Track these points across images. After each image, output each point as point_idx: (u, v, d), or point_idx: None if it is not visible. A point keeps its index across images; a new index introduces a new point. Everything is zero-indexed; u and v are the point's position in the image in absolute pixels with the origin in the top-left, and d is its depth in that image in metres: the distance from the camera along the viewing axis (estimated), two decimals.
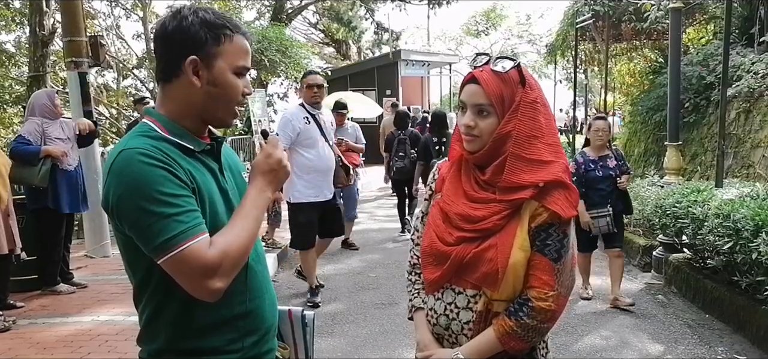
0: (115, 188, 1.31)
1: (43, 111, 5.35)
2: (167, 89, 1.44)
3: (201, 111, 1.44)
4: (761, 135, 6.78)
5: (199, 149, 1.45)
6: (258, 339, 1.53)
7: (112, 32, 19.11)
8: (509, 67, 1.53)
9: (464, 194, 1.60)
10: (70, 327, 4.69)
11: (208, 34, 1.39)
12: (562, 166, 1.54)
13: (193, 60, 1.38)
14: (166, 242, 1.27)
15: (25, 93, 12.05)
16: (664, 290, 5.57)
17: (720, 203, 4.76)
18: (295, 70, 14.77)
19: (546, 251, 1.52)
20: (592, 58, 14.73)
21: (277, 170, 1.47)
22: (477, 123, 1.55)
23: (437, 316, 1.64)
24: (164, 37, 1.41)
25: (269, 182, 1.46)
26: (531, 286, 1.53)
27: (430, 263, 1.64)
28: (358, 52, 26.95)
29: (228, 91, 1.43)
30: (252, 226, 1.40)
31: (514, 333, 1.52)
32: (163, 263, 1.29)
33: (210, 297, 1.32)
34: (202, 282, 1.30)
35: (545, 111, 1.55)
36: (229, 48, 1.41)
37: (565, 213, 1.50)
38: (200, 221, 1.33)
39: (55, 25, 9.93)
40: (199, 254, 1.29)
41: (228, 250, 1.33)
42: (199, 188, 1.39)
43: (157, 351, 1.45)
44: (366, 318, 4.98)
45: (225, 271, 1.32)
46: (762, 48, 7.70)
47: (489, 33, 32.32)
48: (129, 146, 1.34)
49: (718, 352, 4.13)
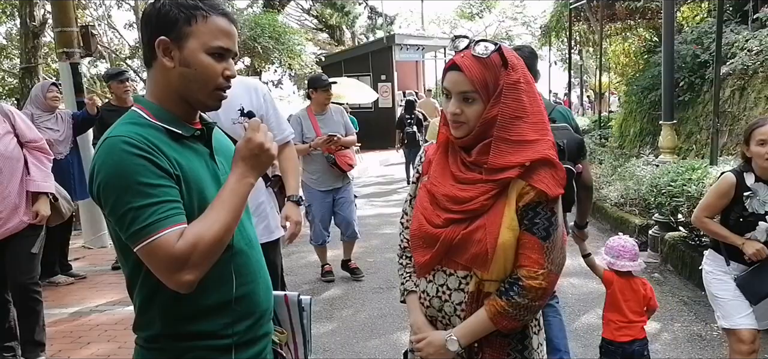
0: (99, 175, 1.32)
1: (35, 102, 5.39)
2: (150, 74, 1.45)
3: (179, 93, 1.43)
4: (756, 112, 6.79)
5: (188, 134, 1.45)
6: (252, 323, 1.54)
7: (103, 22, 18.93)
8: (491, 50, 1.51)
9: (451, 175, 1.61)
10: (70, 317, 4.71)
11: (180, 14, 1.38)
12: (548, 144, 1.53)
13: (162, 40, 1.38)
14: (138, 232, 1.28)
15: (18, 85, 11.98)
16: (660, 268, 5.61)
17: (715, 180, 4.77)
18: (288, 57, 14.68)
19: (535, 229, 1.52)
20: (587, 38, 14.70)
21: (259, 155, 1.42)
22: (463, 110, 1.54)
23: (430, 298, 1.65)
24: (143, 22, 1.43)
25: (251, 168, 1.42)
26: (521, 265, 1.53)
27: (419, 246, 1.65)
28: (352, 38, 26.80)
29: (201, 71, 1.40)
30: (228, 216, 1.35)
31: (505, 313, 1.53)
32: (138, 252, 1.30)
33: (180, 288, 1.32)
34: (171, 275, 1.30)
35: (529, 89, 1.54)
36: (203, 28, 1.39)
37: (551, 191, 1.51)
38: (176, 212, 1.32)
39: (46, 15, 9.86)
40: (167, 246, 1.27)
41: (197, 242, 1.30)
42: (185, 174, 1.38)
43: (153, 337, 1.46)
44: (364, 303, 5.01)
45: (195, 263, 1.30)
46: (756, 25, 7.68)
47: (483, 16, 32.14)
48: (113, 134, 1.36)
49: (714, 328, 4.17)
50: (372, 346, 4.15)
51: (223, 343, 1.47)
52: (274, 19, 14.97)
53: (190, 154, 1.44)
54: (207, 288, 1.41)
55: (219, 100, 1.47)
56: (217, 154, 1.53)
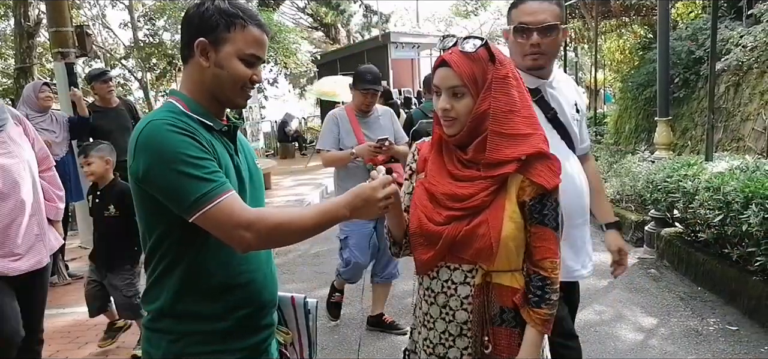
0: (144, 156, 1.40)
1: (27, 102, 5.35)
2: (185, 70, 1.56)
3: (211, 90, 1.54)
4: (750, 108, 6.82)
5: (218, 128, 1.55)
6: (255, 310, 1.60)
7: (98, 22, 18.87)
8: (478, 45, 1.56)
9: (449, 173, 1.63)
10: (67, 318, 4.70)
11: (221, 20, 1.49)
12: (540, 137, 1.58)
13: (201, 42, 1.49)
14: (198, 200, 1.38)
15: (12, 86, 11.93)
16: (657, 264, 5.64)
17: (710, 176, 4.80)
18: (284, 56, 14.68)
19: (546, 221, 1.56)
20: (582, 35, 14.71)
21: (371, 204, 1.50)
22: (453, 105, 1.57)
23: (435, 295, 1.65)
24: (185, 21, 1.54)
25: (354, 207, 1.50)
26: (543, 258, 1.57)
27: (420, 244, 1.66)
28: (347, 36, 26.79)
29: (231, 74, 1.52)
30: (309, 221, 1.47)
31: (550, 316, 1.58)
32: (197, 219, 1.39)
33: (240, 247, 1.42)
34: (234, 232, 1.40)
35: (518, 85, 1.59)
36: (240, 36, 1.51)
37: (549, 183, 1.54)
38: (226, 180, 1.44)
39: (40, 15, 9.81)
40: (229, 209, 1.39)
41: (266, 216, 1.43)
42: (218, 158, 1.48)
43: (156, 313, 1.54)
44: (363, 300, 5.00)
45: (258, 231, 1.40)
46: (750, 21, 7.71)
47: (478, 13, 32.16)
48: (155, 118, 1.44)
49: (711, 324, 4.20)
50: (371, 346, 4.16)
51: (222, 326, 1.54)
52: (270, 18, 14.97)
53: (219, 145, 1.54)
54: (212, 268, 1.50)
55: (245, 98, 1.59)
56: (239, 151, 1.63)
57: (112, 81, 5.71)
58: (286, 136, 17.95)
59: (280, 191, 10.88)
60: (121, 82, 18.52)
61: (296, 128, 18.93)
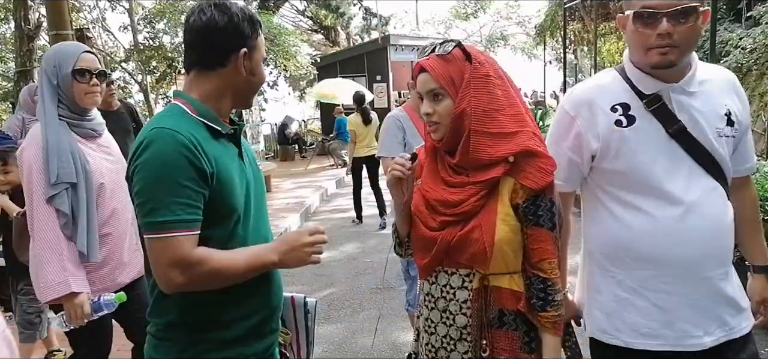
0: (142, 154, 1.39)
1: (24, 106, 5.32)
2: (206, 76, 1.52)
3: (239, 95, 1.57)
4: (750, 110, 6.84)
5: (224, 132, 1.54)
6: (263, 318, 1.60)
7: (98, 25, 18.91)
8: (451, 48, 1.59)
9: (442, 180, 1.65)
10: None
11: (249, 28, 1.52)
12: (528, 134, 1.55)
13: (244, 52, 1.51)
14: (153, 224, 1.37)
15: (12, 89, 11.95)
16: None
17: None
18: (284, 59, 14.71)
19: (541, 221, 1.55)
20: (582, 37, 14.76)
21: (296, 250, 1.52)
22: (434, 109, 1.60)
23: (435, 300, 1.67)
24: (216, 29, 1.48)
25: (281, 252, 1.51)
26: (542, 259, 1.55)
27: (419, 249, 1.69)
28: (347, 39, 26.82)
29: (261, 79, 1.60)
30: (241, 268, 1.47)
31: (557, 318, 1.57)
32: (148, 240, 1.39)
33: (165, 286, 1.41)
34: (168, 271, 1.39)
35: (502, 84, 1.58)
36: (260, 41, 1.57)
37: (539, 184, 1.52)
38: (194, 218, 1.41)
39: (41, 18, 9.83)
40: (178, 247, 1.38)
41: (208, 260, 1.41)
42: (220, 171, 1.46)
43: (168, 325, 1.52)
44: (362, 304, 5.02)
45: (192, 274, 1.40)
46: (749, 23, 7.73)
47: (478, 15, 32.21)
48: (164, 124, 1.42)
49: None
50: (371, 346, 4.16)
51: (234, 334, 1.53)
52: (269, 20, 15.03)
53: (223, 151, 1.52)
54: None
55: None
56: (242, 153, 1.63)
57: (114, 84, 5.69)
58: (286, 138, 17.95)
59: (280, 194, 10.88)
60: (122, 86, 18.56)
61: (296, 131, 18.93)
